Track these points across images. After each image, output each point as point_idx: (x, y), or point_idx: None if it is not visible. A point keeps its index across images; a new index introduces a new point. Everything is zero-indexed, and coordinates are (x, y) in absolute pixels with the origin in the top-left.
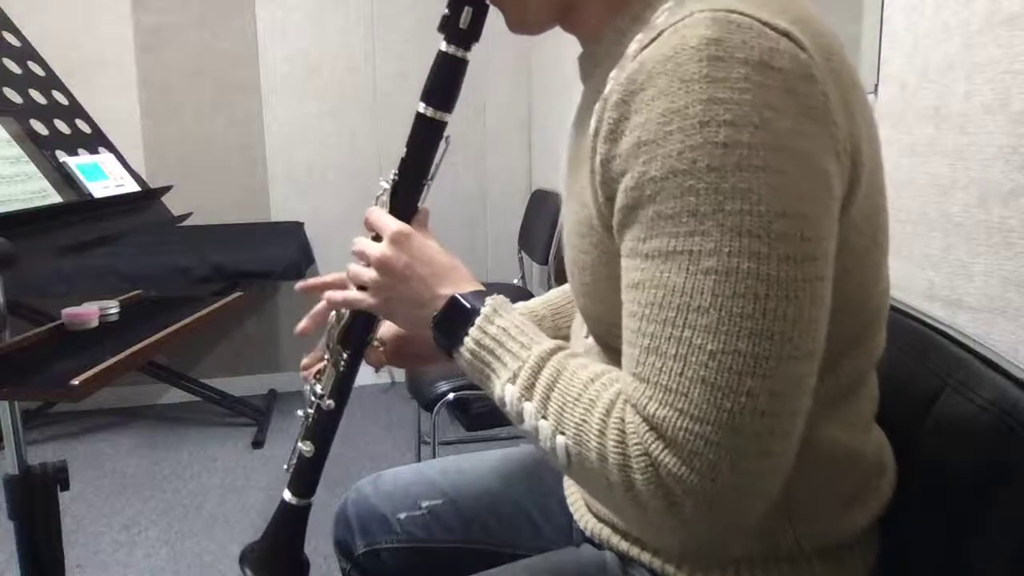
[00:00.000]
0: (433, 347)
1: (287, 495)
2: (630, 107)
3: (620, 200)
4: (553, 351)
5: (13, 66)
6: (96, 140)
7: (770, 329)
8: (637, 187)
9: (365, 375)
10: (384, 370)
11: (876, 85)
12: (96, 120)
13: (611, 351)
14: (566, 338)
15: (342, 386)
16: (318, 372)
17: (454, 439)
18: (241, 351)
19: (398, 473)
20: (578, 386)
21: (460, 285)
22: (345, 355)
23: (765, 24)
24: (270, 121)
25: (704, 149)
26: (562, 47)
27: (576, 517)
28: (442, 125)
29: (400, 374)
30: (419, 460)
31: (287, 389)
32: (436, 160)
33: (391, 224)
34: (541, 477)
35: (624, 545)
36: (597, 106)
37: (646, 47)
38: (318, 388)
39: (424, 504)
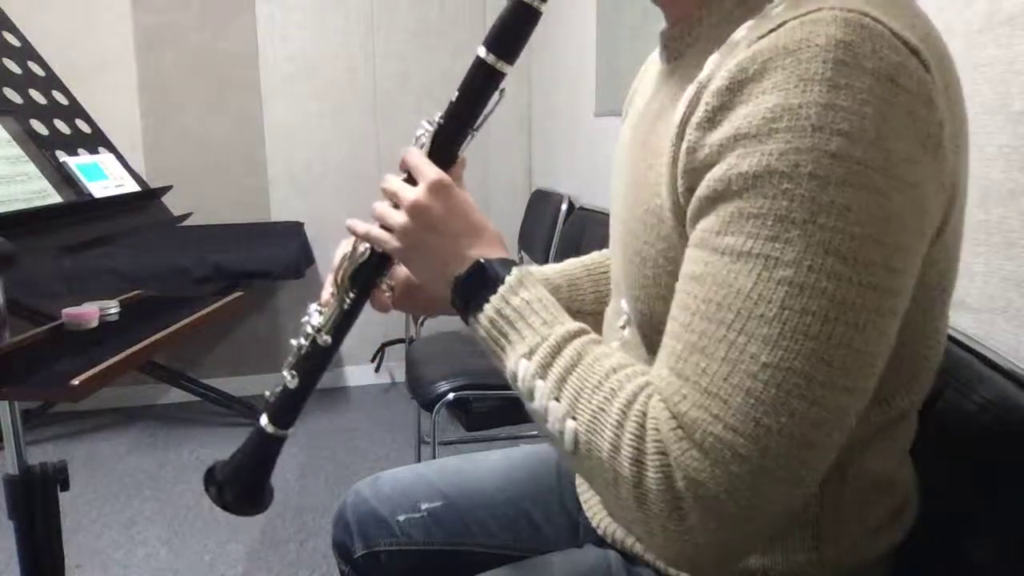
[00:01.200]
0: (439, 298)
1: (263, 421)
2: (736, 97)
3: (702, 189)
4: (577, 333)
5: (13, 66)
6: (96, 140)
7: (831, 355)
8: (724, 179)
9: (365, 375)
10: (384, 370)
11: None
12: (96, 120)
13: (657, 349)
14: (579, 314)
15: (342, 324)
16: (320, 306)
17: (454, 439)
18: (241, 351)
19: (397, 475)
20: (599, 374)
21: (490, 249)
22: (352, 294)
23: (896, 35)
24: (270, 121)
25: (811, 155)
26: (561, 47)
27: (589, 515)
28: (500, 76)
29: (400, 374)
30: (419, 460)
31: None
32: (487, 111)
33: (432, 171)
34: (541, 477)
35: (639, 547)
36: (690, 90)
37: (764, 36)
38: (315, 320)
39: (423, 506)
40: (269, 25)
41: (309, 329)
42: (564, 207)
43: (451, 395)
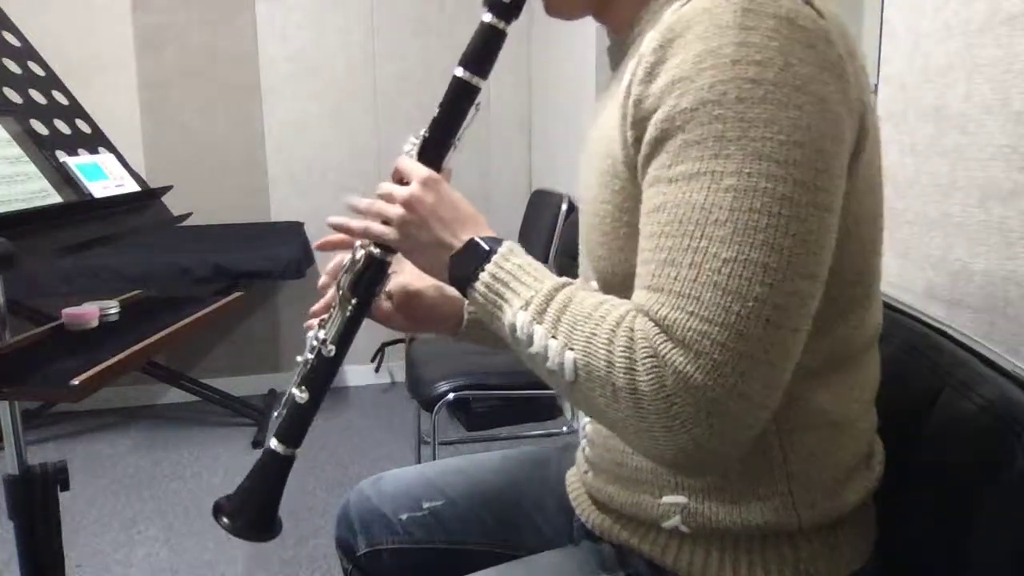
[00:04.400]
0: (437, 309)
1: (274, 443)
2: (667, 51)
3: (649, 134)
4: (566, 283)
5: (13, 66)
6: (96, 140)
7: (780, 243)
8: (668, 119)
9: (365, 375)
10: (384, 370)
11: (876, 85)
12: (96, 120)
13: None
14: None
15: (345, 334)
16: (322, 319)
17: (454, 439)
18: (241, 351)
19: (399, 474)
20: (589, 307)
21: (480, 232)
22: (353, 303)
23: None
24: (270, 121)
25: (734, 83)
26: (562, 47)
27: (578, 511)
28: (476, 90)
29: (400, 374)
30: (419, 460)
31: (287, 389)
32: (465, 123)
33: (421, 169)
34: (540, 478)
35: (625, 534)
36: (632, 62)
37: (684, 6)
38: (320, 334)
39: (425, 505)
40: (269, 25)
41: (314, 342)
42: (564, 207)
43: (451, 395)
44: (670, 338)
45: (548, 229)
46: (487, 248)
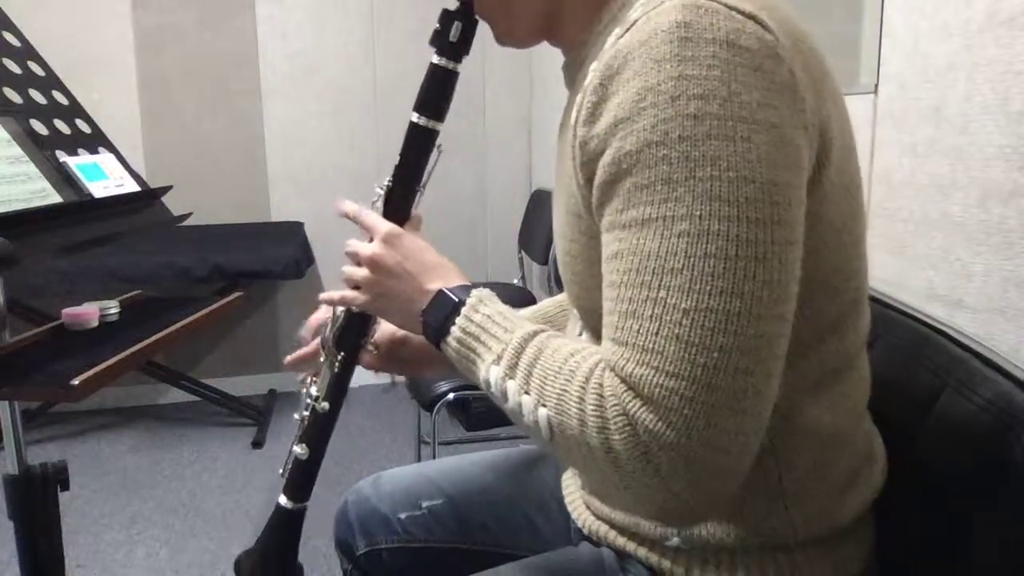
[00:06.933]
0: (425, 352)
1: (282, 499)
2: (607, 90)
3: (599, 177)
4: (536, 332)
5: (13, 66)
6: (96, 140)
7: (740, 288)
8: (614, 162)
9: (365, 375)
10: None
11: (876, 85)
12: (96, 120)
13: None
14: None
15: (337, 388)
16: (314, 374)
17: (454, 439)
18: (241, 351)
19: (398, 473)
20: (559, 360)
21: (448, 280)
22: (339, 357)
23: (732, 8)
24: (270, 121)
25: (676, 121)
26: None
27: (574, 516)
28: (434, 134)
29: None
30: (419, 460)
31: (287, 389)
32: (428, 168)
33: (382, 225)
34: (540, 478)
35: (621, 541)
36: (578, 97)
37: (622, 36)
38: (313, 390)
39: (424, 504)
40: (269, 25)
41: (308, 400)
42: None
43: (451, 395)
44: (638, 395)
45: (548, 229)
46: (456, 299)
